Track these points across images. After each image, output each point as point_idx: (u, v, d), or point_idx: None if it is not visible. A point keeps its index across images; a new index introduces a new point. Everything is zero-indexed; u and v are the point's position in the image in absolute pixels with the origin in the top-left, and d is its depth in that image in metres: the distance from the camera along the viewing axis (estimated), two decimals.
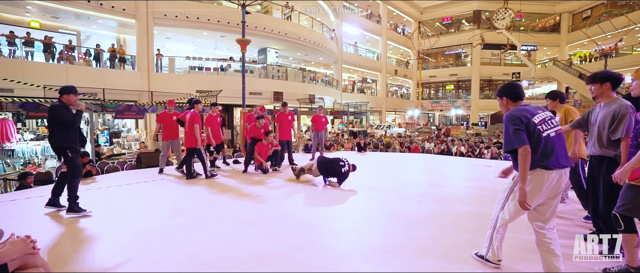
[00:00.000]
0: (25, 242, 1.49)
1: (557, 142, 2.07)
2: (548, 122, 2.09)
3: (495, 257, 2.34)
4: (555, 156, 2.04)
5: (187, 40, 17.86)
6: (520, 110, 2.13)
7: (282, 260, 2.58)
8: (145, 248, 2.81)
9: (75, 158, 3.69)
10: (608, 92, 2.53)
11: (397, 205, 4.16)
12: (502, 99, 2.27)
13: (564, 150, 2.10)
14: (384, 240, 2.98)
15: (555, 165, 2.03)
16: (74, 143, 3.68)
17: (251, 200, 4.37)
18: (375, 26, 28.14)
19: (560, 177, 2.06)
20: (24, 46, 11.48)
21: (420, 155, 10.61)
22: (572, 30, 28.15)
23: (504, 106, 2.27)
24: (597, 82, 2.54)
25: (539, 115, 2.10)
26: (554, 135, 2.07)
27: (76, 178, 3.70)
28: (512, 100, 2.23)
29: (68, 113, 3.59)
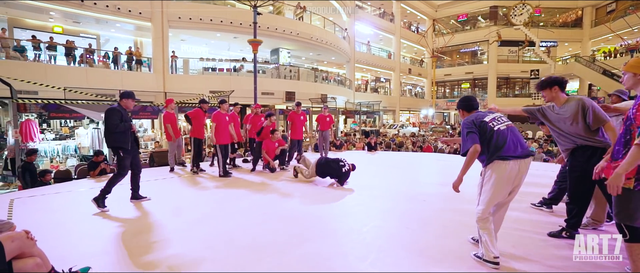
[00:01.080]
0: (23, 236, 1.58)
1: (509, 134, 2.30)
2: (498, 119, 2.39)
3: (490, 254, 2.34)
4: (508, 146, 2.26)
5: (201, 42, 18.22)
6: (472, 115, 2.45)
7: (280, 256, 2.61)
8: (148, 243, 2.89)
9: (124, 159, 3.93)
10: (558, 94, 2.76)
11: (402, 204, 4.12)
12: (460, 110, 2.62)
13: (519, 140, 2.32)
14: (383, 239, 2.96)
15: (512, 154, 2.25)
16: (125, 144, 3.91)
17: (256, 198, 4.43)
18: (388, 25, 27.86)
19: (519, 166, 2.27)
20: (48, 50, 12.03)
21: (432, 155, 10.43)
22: (595, 24, 26.96)
23: (462, 117, 2.60)
24: (546, 88, 2.80)
25: (489, 115, 2.42)
26: (504, 128, 2.33)
27: (120, 177, 3.95)
28: (466, 111, 2.57)
29: (116, 119, 3.80)
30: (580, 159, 2.70)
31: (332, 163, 5.16)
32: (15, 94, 7.91)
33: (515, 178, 2.29)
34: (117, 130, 3.82)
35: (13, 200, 4.36)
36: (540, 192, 4.34)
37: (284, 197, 4.51)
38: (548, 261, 2.48)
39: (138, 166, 4.23)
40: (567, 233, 2.87)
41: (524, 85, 29.78)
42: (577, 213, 2.83)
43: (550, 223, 3.29)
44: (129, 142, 3.97)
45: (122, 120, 3.87)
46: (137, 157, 4.23)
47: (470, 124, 2.37)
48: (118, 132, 3.85)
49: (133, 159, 4.11)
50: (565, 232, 2.89)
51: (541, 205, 3.86)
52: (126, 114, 3.99)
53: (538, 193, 4.27)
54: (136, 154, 4.20)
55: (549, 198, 3.80)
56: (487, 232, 2.35)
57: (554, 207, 3.77)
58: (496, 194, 2.31)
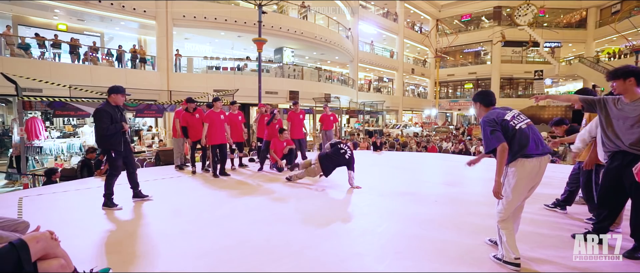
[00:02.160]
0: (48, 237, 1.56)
1: (531, 132, 2.28)
2: (517, 117, 2.33)
3: (510, 255, 2.30)
4: (531, 145, 2.24)
5: (205, 41, 18.21)
6: (492, 113, 2.37)
7: (296, 257, 2.58)
8: (161, 243, 2.87)
9: (116, 160, 3.78)
10: (632, 88, 2.43)
11: (413, 205, 4.08)
12: (476, 104, 2.53)
13: (539, 138, 2.30)
14: (399, 240, 2.93)
15: (534, 152, 2.23)
16: (117, 145, 3.75)
17: (265, 198, 4.40)
18: (392, 25, 27.80)
19: (541, 163, 2.26)
20: (52, 48, 12.02)
21: (438, 155, 10.40)
22: (599, 25, 26.86)
23: (477, 111, 2.53)
24: (620, 78, 2.47)
25: (509, 113, 2.35)
26: (525, 126, 2.29)
27: (114, 177, 3.82)
28: (485, 105, 2.48)
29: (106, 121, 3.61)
30: (618, 164, 2.51)
31: (333, 156, 4.93)
32: (21, 91, 7.90)
33: (536, 176, 2.29)
34: (107, 133, 3.64)
35: (22, 198, 4.34)
36: (552, 193, 4.31)
37: (294, 197, 4.48)
38: (569, 262, 2.45)
39: (132, 164, 4.05)
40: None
41: (528, 85, 29.70)
42: (606, 218, 2.68)
43: (567, 224, 3.27)
44: (121, 143, 3.78)
45: (113, 121, 3.67)
46: (130, 155, 4.05)
47: (493, 122, 2.30)
48: (109, 135, 3.67)
49: (126, 158, 3.94)
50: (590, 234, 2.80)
51: (555, 207, 3.83)
52: (116, 112, 3.75)
53: (550, 194, 4.23)
54: (129, 153, 4.02)
55: (562, 200, 3.77)
56: (507, 233, 2.31)
57: (567, 208, 3.74)
58: (520, 192, 2.28)
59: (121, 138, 3.78)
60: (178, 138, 6.52)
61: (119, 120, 3.73)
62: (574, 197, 3.72)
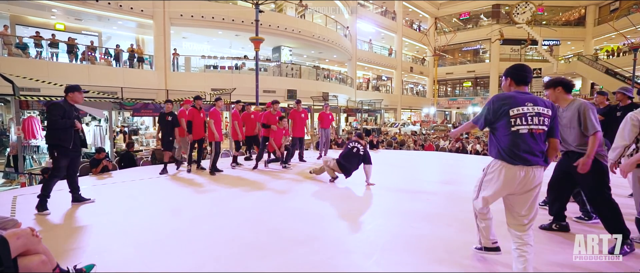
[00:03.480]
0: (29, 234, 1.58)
1: (528, 140, 2.01)
2: (527, 118, 2.01)
3: (487, 240, 2.35)
4: (521, 151, 2.00)
5: (203, 40, 18.21)
6: (509, 98, 2.06)
7: (284, 254, 2.60)
8: (153, 241, 2.89)
9: (60, 159, 3.61)
10: (562, 95, 2.76)
11: (406, 203, 4.10)
12: (507, 79, 2.20)
13: (536, 149, 2.02)
14: (388, 238, 2.95)
15: (520, 161, 2.00)
16: (65, 142, 3.58)
17: (258, 196, 4.42)
18: (390, 23, 27.77)
19: (527, 173, 2.00)
20: (50, 47, 12.03)
21: (434, 154, 10.41)
22: (598, 23, 26.82)
23: (507, 87, 2.21)
24: (550, 88, 2.81)
25: (521, 108, 2.02)
26: (526, 132, 2.01)
27: (54, 178, 3.64)
28: (515, 82, 2.15)
29: (57, 115, 3.51)
30: (568, 161, 2.78)
31: (347, 156, 4.93)
32: (18, 91, 7.91)
33: (517, 185, 2.03)
34: (56, 127, 3.53)
35: (16, 197, 4.36)
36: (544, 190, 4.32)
37: (286, 195, 4.50)
38: (556, 259, 2.46)
39: (74, 168, 3.85)
40: (555, 225, 3.04)
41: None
42: (555, 200, 3.01)
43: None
44: (69, 141, 3.59)
45: (64, 116, 3.55)
46: (76, 159, 3.84)
47: (495, 111, 2.06)
48: (58, 129, 3.54)
49: (71, 161, 3.76)
50: (554, 224, 3.05)
51: (545, 205, 3.85)
52: (71, 110, 3.65)
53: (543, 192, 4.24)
54: (76, 156, 3.82)
55: None
56: (484, 222, 2.32)
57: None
58: (494, 190, 2.10)
59: (71, 135, 3.62)
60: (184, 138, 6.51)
61: (72, 116, 3.64)
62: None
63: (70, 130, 3.62)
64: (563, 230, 2.99)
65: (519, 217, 2.09)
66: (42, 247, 1.65)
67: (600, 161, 2.63)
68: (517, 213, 2.09)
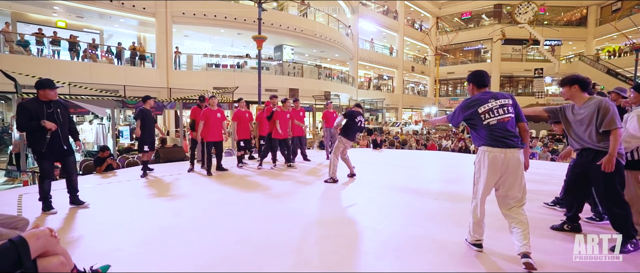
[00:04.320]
0: (48, 234, 1.55)
1: (498, 129, 2.35)
2: (495, 111, 2.38)
3: (472, 237, 2.58)
4: (493, 138, 2.35)
5: (205, 38, 18.16)
6: (474, 101, 2.45)
7: (296, 255, 2.57)
8: (161, 240, 2.86)
9: (41, 162, 3.47)
10: (578, 93, 2.73)
11: (413, 202, 4.09)
12: (469, 84, 2.59)
13: (508, 133, 2.35)
14: (399, 238, 2.93)
15: (496, 144, 2.34)
16: (36, 145, 3.38)
17: (266, 196, 4.39)
18: (392, 22, 27.72)
19: (506, 155, 2.32)
20: (51, 45, 11.98)
21: (437, 153, 10.40)
22: (600, 23, 26.79)
23: (471, 91, 2.58)
24: (566, 85, 2.78)
25: (487, 105, 2.40)
26: (495, 123, 2.37)
27: (44, 180, 3.51)
28: (476, 86, 2.55)
29: (22, 118, 3.30)
30: (584, 160, 2.77)
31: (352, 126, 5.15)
32: (20, 88, 7.87)
33: (501, 167, 2.33)
34: (21, 130, 3.37)
35: (22, 195, 4.33)
36: (551, 190, 4.31)
37: (293, 195, 4.48)
38: (568, 262, 2.44)
39: (68, 168, 3.66)
40: (568, 226, 3.00)
41: (528, 84, 29.67)
42: (573, 205, 2.96)
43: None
44: (41, 142, 3.34)
45: (31, 118, 3.30)
46: (68, 158, 3.63)
47: (465, 109, 2.48)
48: (29, 133, 3.34)
49: (64, 161, 3.61)
50: (566, 225, 3.01)
51: (554, 205, 3.84)
52: (42, 108, 3.36)
53: (549, 192, 4.24)
54: (63, 156, 3.60)
55: (562, 198, 3.78)
56: (474, 220, 2.52)
57: None
58: (485, 179, 2.39)
59: (43, 137, 3.35)
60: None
61: (41, 116, 3.34)
62: None
63: (38, 132, 3.35)
64: (575, 231, 2.94)
65: (507, 200, 2.39)
66: (60, 248, 1.63)
67: (619, 160, 2.59)
68: (505, 197, 2.40)
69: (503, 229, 2.59)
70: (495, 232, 2.83)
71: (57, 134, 3.46)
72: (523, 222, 2.32)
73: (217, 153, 6.04)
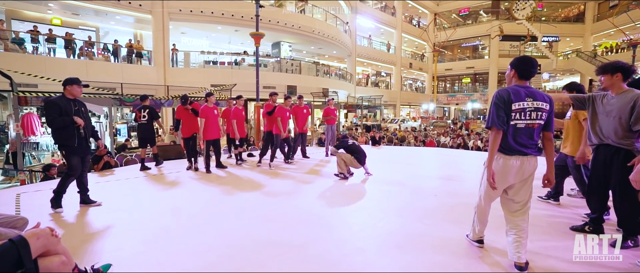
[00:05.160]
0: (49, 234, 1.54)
1: (525, 132, 2.12)
2: (526, 113, 2.10)
3: (476, 235, 2.55)
4: (516, 143, 2.13)
5: (202, 35, 18.04)
6: (513, 91, 2.12)
7: (298, 252, 2.57)
8: (162, 239, 2.85)
9: (71, 158, 3.51)
10: (619, 83, 2.55)
11: (413, 199, 4.09)
12: (512, 70, 2.23)
13: (532, 141, 2.15)
14: (400, 235, 2.93)
15: (516, 152, 2.13)
16: (68, 141, 3.47)
17: (266, 194, 4.39)
18: (390, 18, 27.65)
19: (522, 163, 2.14)
20: (47, 42, 11.85)
21: (436, 149, 10.41)
22: (597, 19, 26.83)
23: (510, 78, 2.25)
24: (608, 73, 2.56)
25: (522, 104, 2.10)
26: (523, 126, 2.11)
27: (69, 178, 3.56)
28: (518, 76, 2.20)
29: (54, 113, 3.37)
30: (602, 157, 2.66)
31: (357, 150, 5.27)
32: (16, 86, 7.80)
33: (514, 176, 2.15)
34: (55, 126, 3.39)
35: (19, 194, 4.30)
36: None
37: (294, 193, 4.47)
38: (568, 255, 2.45)
39: (83, 166, 3.70)
40: (590, 227, 2.86)
41: None
42: (597, 207, 2.82)
43: (562, 216, 3.29)
44: (73, 138, 3.46)
45: (62, 114, 3.39)
46: (86, 157, 3.71)
47: (502, 100, 2.11)
48: (58, 128, 3.41)
49: (84, 159, 3.67)
50: (588, 226, 2.88)
51: (548, 198, 3.88)
52: (70, 105, 3.46)
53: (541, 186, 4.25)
54: (86, 153, 3.69)
55: (554, 192, 3.83)
56: (479, 217, 2.47)
57: (560, 199, 3.84)
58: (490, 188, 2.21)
59: (74, 133, 3.47)
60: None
61: (70, 113, 3.45)
62: (561, 186, 3.87)
63: (71, 128, 3.46)
64: (597, 233, 2.70)
65: (513, 204, 2.24)
66: (61, 248, 1.61)
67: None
68: (511, 201, 2.24)
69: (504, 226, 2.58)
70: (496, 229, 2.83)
71: (86, 130, 3.61)
72: (522, 229, 2.19)
73: (216, 151, 6.03)
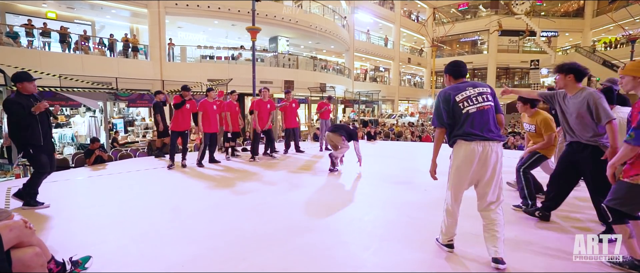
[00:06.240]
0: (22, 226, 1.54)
1: (478, 117, 2.18)
2: (473, 99, 2.21)
3: (445, 238, 2.45)
4: (473, 127, 2.16)
5: (199, 29, 17.93)
6: (452, 89, 2.28)
7: (282, 245, 2.59)
8: (150, 232, 2.87)
9: (39, 156, 3.33)
10: (572, 83, 2.62)
11: (404, 193, 4.10)
12: (446, 75, 2.44)
13: (487, 124, 2.18)
14: (386, 228, 2.95)
15: (474, 133, 2.15)
16: (35, 139, 3.28)
17: (255, 187, 4.40)
18: (388, 13, 27.49)
19: (484, 148, 2.15)
20: (41, 36, 11.78)
21: (431, 145, 10.41)
22: (597, 14, 26.72)
23: (448, 82, 2.43)
24: (562, 73, 2.65)
25: (465, 93, 2.23)
26: (475, 110, 2.19)
27: (42, 175, 3.43)
28: (453, 77, 2.38)
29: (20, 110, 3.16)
30: (572, 152, 2.73)
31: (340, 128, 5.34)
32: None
33: (477, 162, 2.15)
34: (22, 125, 3.19)
35: (10, 188, 4.30)
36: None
37: (283, 187, 4.48)
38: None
39: (51, 165, 3.53)
40: (539, 213, 3.01)
41: (524, 75, 29.70)
42: (554, 197, 2.93)
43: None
44: (40, 136, 3.29)
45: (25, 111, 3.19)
46: (52, 154, 3.54)
47: (445, 100, 2.25)
48: (25, 126, 3.20)
49: (52, 156, 3.51)
50: (538, 211, 3.02)
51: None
52: (30, 102, 3.24)
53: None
54: (52, 151, 3.54)
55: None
56: (448, 220, 2.41)
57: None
58: (459, 176, 2.24)
59: (39, 130, 3.29)
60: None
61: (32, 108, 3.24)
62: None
63: (36, 126, 3.26)
64: (543, 220, 2.98)
65: (487, 198, 2.23)
66: (36, 239, 1.62)
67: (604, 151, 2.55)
68: (482, 194, 2.26)
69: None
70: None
71: (48, 127, 3.43)
72: (498, 223, 2.18)
73: (211, 145, 6.05)
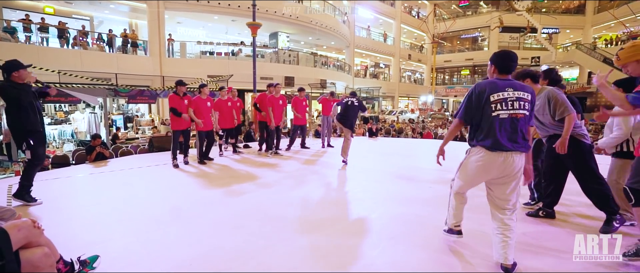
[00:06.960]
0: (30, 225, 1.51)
1: (509, 125, 2.01)
2: (508, 103, 2.01)
3: (452, 221, 2.43)
4: (503, 138, 2.00)
5: (198, 25, 17.79)
6: (489, 85, 2.07)
7: (290, 243, 2.56)
8: (154, 230, 2.83)
9: (38, 147, 3.25)
10: (531, 85, 2.77)
11: (409, 191, 4.08)
12: (491, 65, 2.18)
13: (516, 134, 2.02)
14: (393, 226, 2.93)
15: (498, 146, 2.00)
16: (35, 125, 3.21)
17: (260, 184, 4.36)
18: (389, 9, 27.33)
19: (506, 159, 2.01)
20: (39, 32, 11.66)
21: (433, 141, 10.40)
22: (598, 11, 26.60)
23: (490, 73, 2.20)
24: (519, 79, 2.76)
25: (501, 94, 2.02)
26: (506, 117, 2.00)
27: (36, 167, 3.34)
28: (498, 70, 2.14)
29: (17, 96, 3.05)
30: (551, 145, 2.87)
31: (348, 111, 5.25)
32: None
33: (497, 171, 2.04)
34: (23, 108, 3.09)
35: (11, 186, 4.25)
36: None
37: (287, 184, 4.45)
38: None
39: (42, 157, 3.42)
40: (543, 212, 3.04)
41: None
42: (552, 192, 3.00)
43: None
44: (38, 123, 3.20)
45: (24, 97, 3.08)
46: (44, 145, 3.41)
47: (478, 96, 2.06)
48: (24, 112, 3.10)
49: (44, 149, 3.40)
50: (541, 211, 3.05)
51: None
52: (25, 89, 3.13)
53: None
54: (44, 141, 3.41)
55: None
56: (456, 203, 2.38)
57: None
58: (469, 178, 2.21)
59: (37, 117, 3.21)
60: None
61: (29, 97, 3.16)
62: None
63: (33, 113, 3.18)
64: (549, 217, 3.02)
65: (499, 201, 2.13)
66: (44, 239, 1.59)
67: (581, 141, 2.74)
68: (497, 198, 2.13)
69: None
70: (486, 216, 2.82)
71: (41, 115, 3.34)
72: (510, 229, 2.06)
73: (208, 142, 5.96)
